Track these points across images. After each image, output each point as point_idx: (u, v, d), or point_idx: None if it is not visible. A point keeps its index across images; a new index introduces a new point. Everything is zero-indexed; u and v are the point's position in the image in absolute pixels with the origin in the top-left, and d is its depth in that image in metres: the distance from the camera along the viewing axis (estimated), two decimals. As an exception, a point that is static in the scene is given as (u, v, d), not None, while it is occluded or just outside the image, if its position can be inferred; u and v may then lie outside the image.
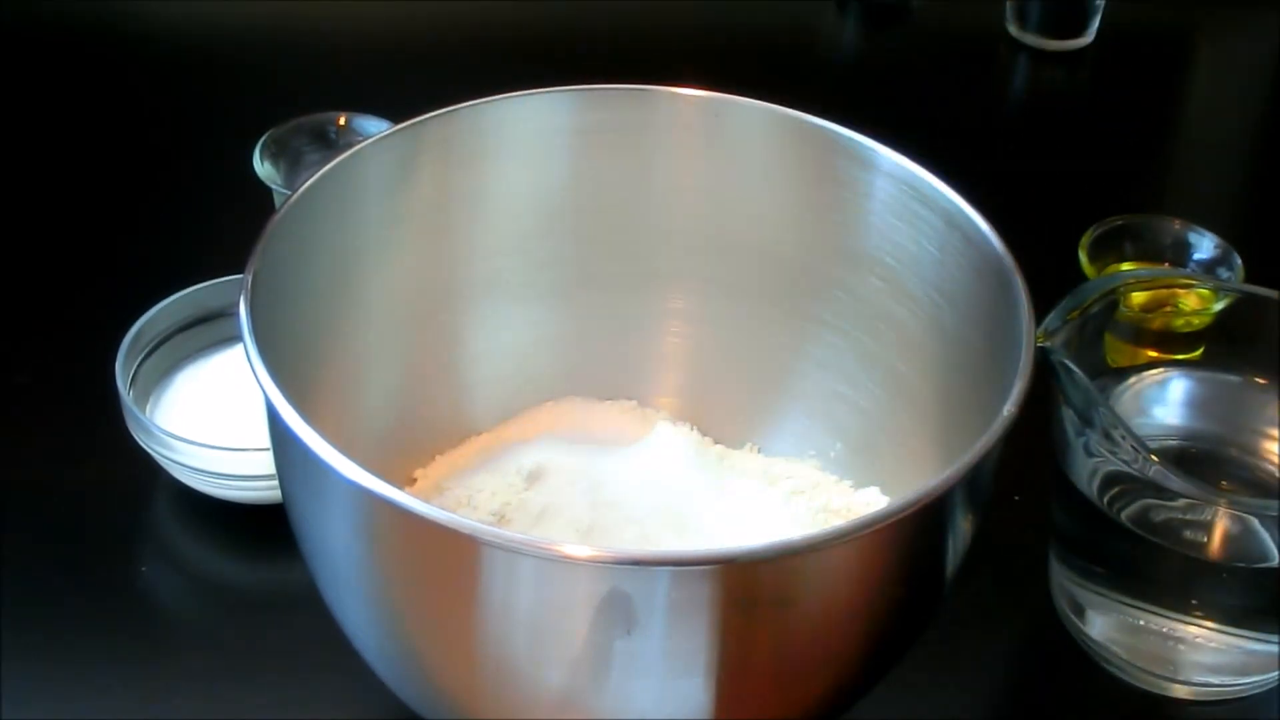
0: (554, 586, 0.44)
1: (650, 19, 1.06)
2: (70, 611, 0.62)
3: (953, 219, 0.55)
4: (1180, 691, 0.60)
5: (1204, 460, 0.62)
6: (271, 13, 1.03)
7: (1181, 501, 0.56)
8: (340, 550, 0.49)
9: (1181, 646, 0.59)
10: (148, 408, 0.67)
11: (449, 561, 0.45)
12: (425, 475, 0.62)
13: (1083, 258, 0.74)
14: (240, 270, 0.50)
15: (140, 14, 1.02)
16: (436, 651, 0.49)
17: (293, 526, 0.51)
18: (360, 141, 0.57)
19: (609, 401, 0.66)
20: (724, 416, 0.65)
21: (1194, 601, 0.58)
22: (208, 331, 0.70)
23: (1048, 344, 0.56)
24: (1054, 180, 0.92)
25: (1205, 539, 0.57)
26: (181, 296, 0.69)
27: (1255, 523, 0.57)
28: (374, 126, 0.76)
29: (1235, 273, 0.73)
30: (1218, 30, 1.13)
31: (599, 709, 0.47)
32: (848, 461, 0.62)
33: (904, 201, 0.57)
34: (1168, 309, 0.64)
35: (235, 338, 0.59)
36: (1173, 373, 0.64)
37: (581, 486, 0.59)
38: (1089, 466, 0.58)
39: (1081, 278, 0.72)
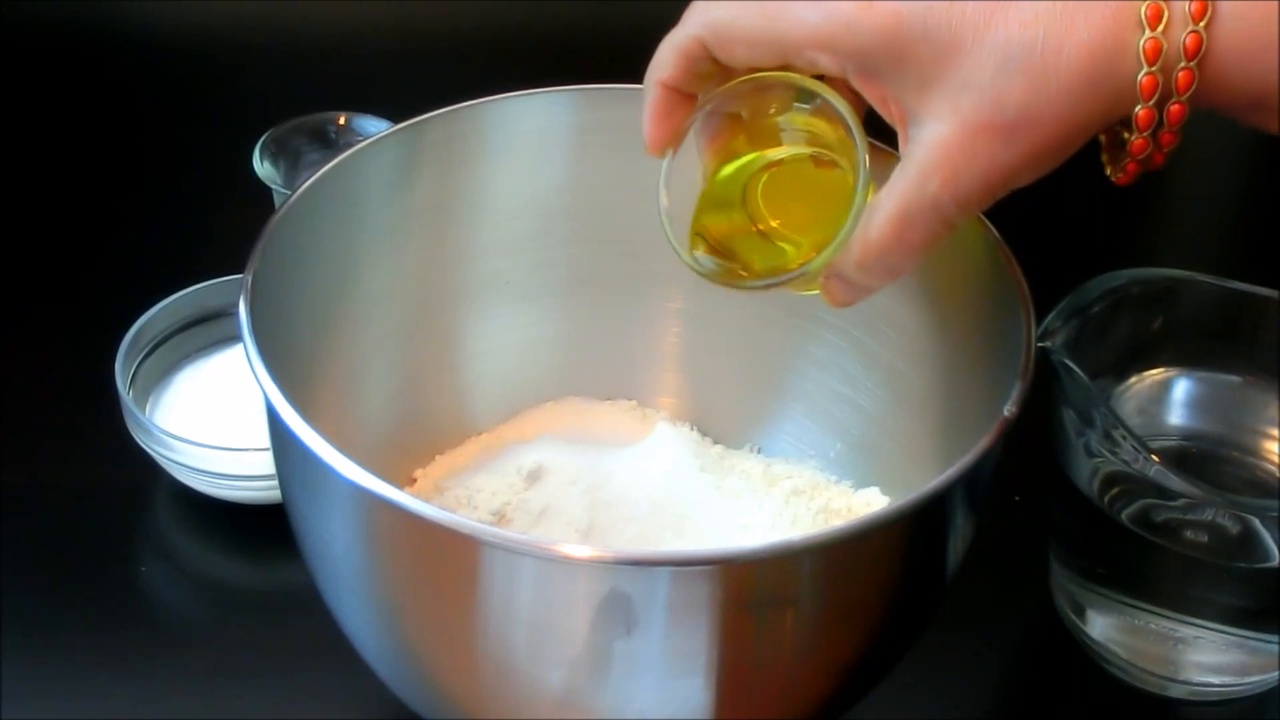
0: (554, 586, 0.44)
1: (650, 19, 1.05)
2: (70, 611, 0.62)
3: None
4: (1180, 691, 0.60)
5: (1204, 460, 0.62)
6: (272, 13, 1.03)
7: (1181, 501, 0.56)
8: (340, 550, 0.49)
9: (1181, 646, 0.59)
10: (147, 408, 0.67)
11: (449, 561, 0.45)
12: (425, 475, 0.62)
13: None
14: (240, 270, 0.50)
15: (140, 14, 1.02)
16: (436, 651, 0.49)
17: (293, 526, 0.51)
18: (360, 141, 0.57)
19: (609, 401, 0.65)
20: (724, 416, 0.65)
21: (1194, 602, 0.58)
22: (207, 331, 0.70)
23: (1048, 344, 0.56)
24: (1054, 179, 0.92)
25: (1205, 539, 0.57)
26: (181, 296, 0.69)
27: (1255, 523, 0.57)
28: (374, 126, 0.76)
29: None
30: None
31: (599, 709, 0.47)
32: (848, 462, 0.62)
33: (904, 201, 0.56)
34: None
35: (235, 338, 0.59)
36: (1173, 373, 0.64)
37: (581, 486, 0.59)
38: (1089, 466, 0.58)
39: (1082, 277, 0.72)
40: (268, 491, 0.63)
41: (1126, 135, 0.44)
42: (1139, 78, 0.43)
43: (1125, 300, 0.61)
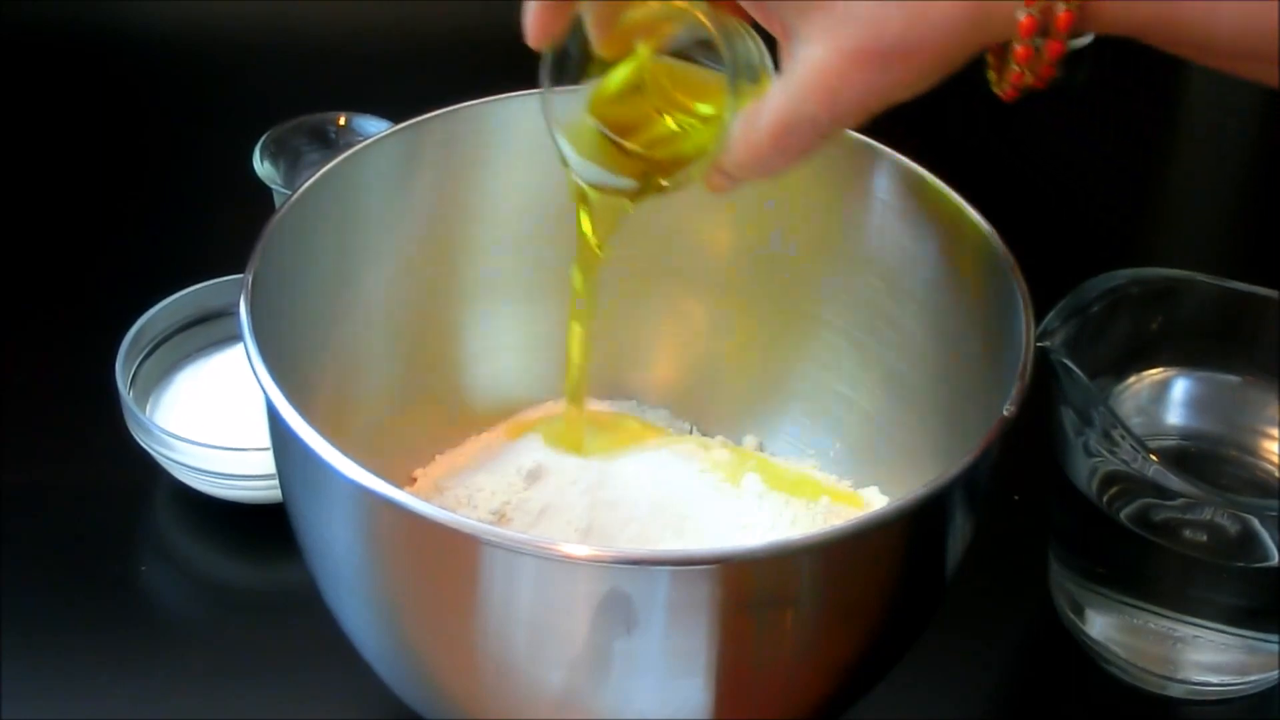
0: (554, 586, 0.44)
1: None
2: (70, 611, 0.62)
3: (952, 219, 0.55)
4: (1179, 691, 0.60)
5: (1203, 460, 0.62)
6: (271, 13, 1.03)
7: (1180, 501, 0.56)
8: (340, 550, 0.49)
9: (1181, 646, 0.59)
10: (148, 407, 0.67)
11: (449, 561, 0.45)
12: (425, 475, 0.62)
13: None
14: (240, 270, 0.50)
15: (140, 14, 1.02)
16: (436, 651, 0.49)
17: (293, 526, 0.51)
18: (360, 141, 0.57)
19: (609, 401, 0.65)
20: (724, 416, 0.65)
21: (1193, 601, 0.58)
22: (208, 331, 0.70)
23: (1047, 344, 0.56)
24: (1053, 179, 0.92)
25: (1204, 538, 0.57)
26: (181, 296, 0.69)
27: (1254, 522, 0.57)
28: (374, 126, 0.76)
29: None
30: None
31: (599, 709, 0.47)
32: (847, 461, 0.62)
33: (904, 201, 0.57)
34: (657, 118, 0.53)
35: (235, 337, 0.59)
36: (1172, 372, 0.64)
37: (581, 486, 0.59)
38: (1088, 466, 0.58)
39: (1082, 277, 0.72)
40: (268, 491, 0.63)
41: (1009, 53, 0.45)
42: (1018, 16, 0.43)
43: (1124, 300, 0.61)
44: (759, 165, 0.48)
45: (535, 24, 0.50)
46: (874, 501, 0.60)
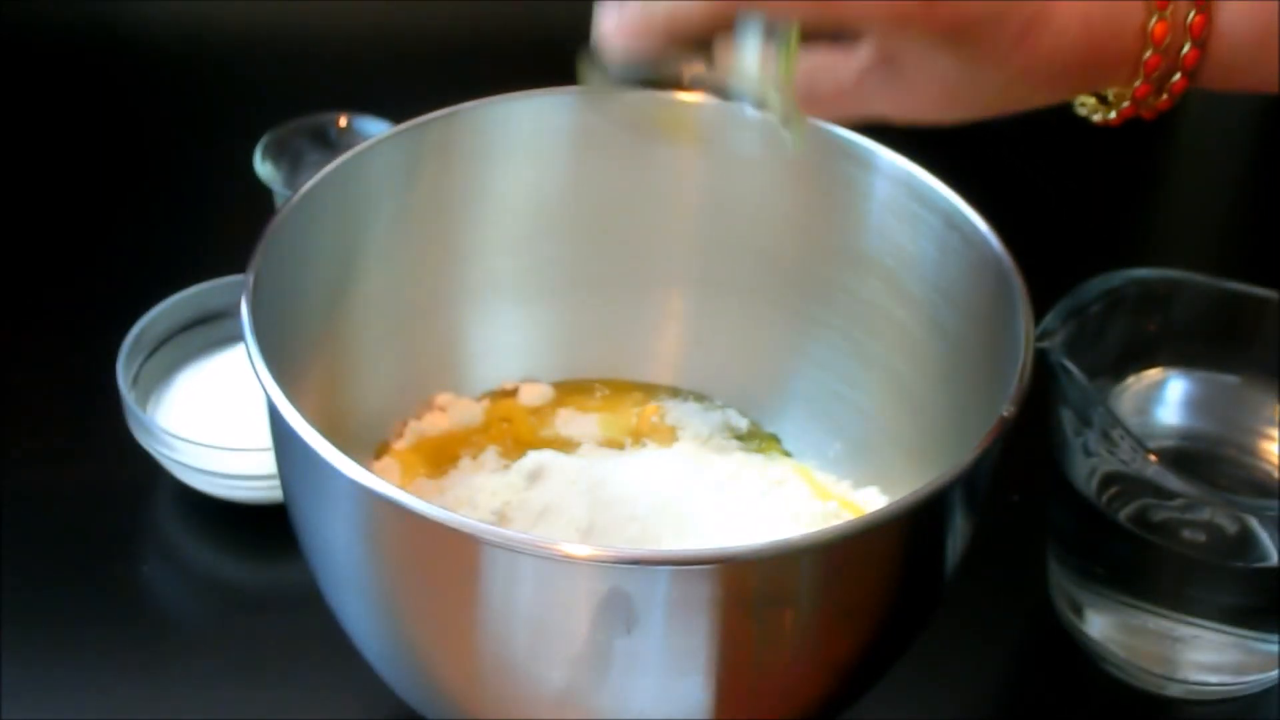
0: (554, 586, 0.44)
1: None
2: (71, 611, 0.62)
3: (952, 219, 0.55)
4: (1178, 690, 0.61)
5: (1202, 460, 0.62)
6: (271, 13, 1.03)
7: (1179, 501, 0.56)
8: (341, 549, 0.49)
9: (1180, 646, 0.59)
10: (149, 407, 0.67)
11: (450, 561, 0.45)
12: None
13: None
14: (241, 271, 0.50)
15: (140, 15, 1.02)
16: (437, 650, 0.49)
17: (294, 526, 0.51)
18: (361, 142, 0.57)
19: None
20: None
21: (1192, 601, 0.58)
22: (209, 331, 0.70)
23: (1046, 344, 0.56)
24: (1052, 180, 0.92)
25: (1203, 538, 0.57)
26: (182, 297, 0.69)
27: (1253, 522, 0.57)
28: (374, 127, 0.76)
29: None
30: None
31: (599, 708, 0.47)
32: (847, 461, 0.62)
33: (903, 202, 0.57)
34: None
35: (236, 338, 0.59)
36: (1171, 373, 0.64)
37: (582, 486, 0.59)
38: (1087, 466, 0.58)
39: (1081, 278, 0.72)
40: (269, 491, 0.63)
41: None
42: (1150, 23, 0.47)
43: (1123, 300, 0.61)
44: None
45: (634, 47, 0.49)
46: (874, 502, 0.60)
